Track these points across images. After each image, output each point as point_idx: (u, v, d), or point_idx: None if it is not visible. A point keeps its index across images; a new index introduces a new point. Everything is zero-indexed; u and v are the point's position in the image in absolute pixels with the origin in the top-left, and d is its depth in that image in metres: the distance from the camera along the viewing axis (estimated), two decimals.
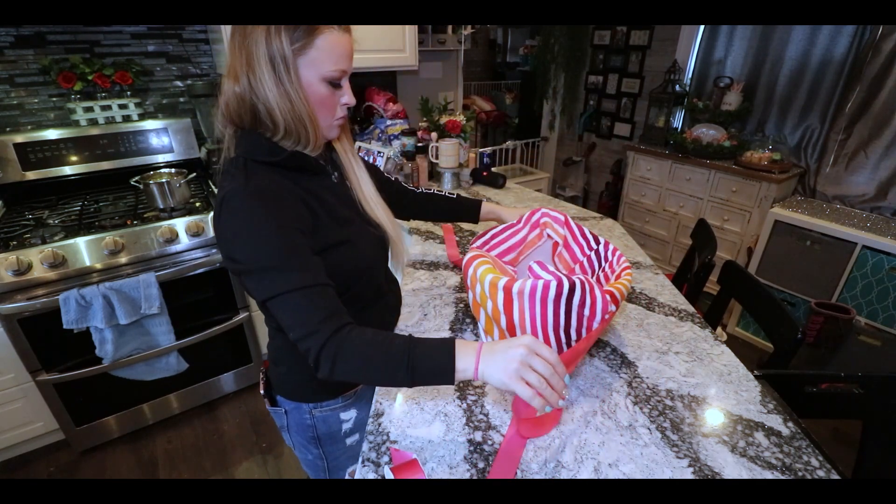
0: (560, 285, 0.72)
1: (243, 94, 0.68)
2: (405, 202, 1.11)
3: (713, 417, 0.76)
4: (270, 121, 0.69)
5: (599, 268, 0.95)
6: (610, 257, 0.93)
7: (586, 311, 0.75)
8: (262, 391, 0.92)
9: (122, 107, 1.91)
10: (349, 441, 0.93)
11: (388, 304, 0.95)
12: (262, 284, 0.64)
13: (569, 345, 0.83)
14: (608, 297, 0.75)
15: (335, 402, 0.88)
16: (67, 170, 1.84)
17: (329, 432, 0.89)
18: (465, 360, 0.62)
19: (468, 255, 0.87)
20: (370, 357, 0.64)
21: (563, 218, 1.01)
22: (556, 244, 1.01)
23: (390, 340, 0.65)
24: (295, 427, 0.90)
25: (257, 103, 0.68)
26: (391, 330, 0.96)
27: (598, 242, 0.97)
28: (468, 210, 1.16)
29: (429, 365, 0.63)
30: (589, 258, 0.98)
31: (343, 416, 0.89)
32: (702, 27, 2.85)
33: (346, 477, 0.95)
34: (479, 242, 0.99)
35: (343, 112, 0.76)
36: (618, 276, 0.83)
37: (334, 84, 0.71)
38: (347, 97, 0.74)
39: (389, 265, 0.94)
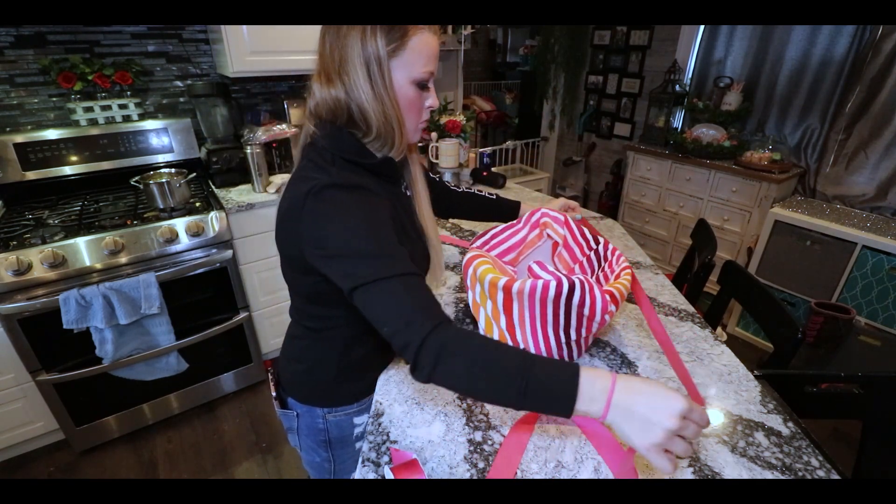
0: (560, 285, 0.72)
1: (338, 96, 0.67)
2: (448, 202, 1.11)
3: (713, 417, 0.76)
4: (364, 122, 0.69)
5: (599, 268, 0.95)
6: (609, 257, 0.92)
7: (586, 311, 0.75)
8: (273, 392, 0.91)
9: (122, 107, 1.91)
10: (359, 445, 0.91)
11: None
12: (357, 270, 0.61)
13: (568, 345, 0.83)
14: (608, 296, 0.75)
15: (350, 406, 0.86)
16: (67, 170, 1.84)
17: (341, 436, 0.88)
18: (595, 402, 0.52)
19: (468, 255, 0.87)
20: (478, 364, 0.56)
21: (562, 218, 1.01)
22: (555, 244, 1.01)
23: (503, 350, 0.57)
24: (306, 430, 0.88)
25: (352, 105, 0.67)
26: None
27: (597, 242, 0.97)
28: (508, 210, 1.16)
29: (548, 389, 0.53)
30: (588, 258, 0.98)
31: (356, 420, 0.88)
32: (702, 27, 2.85)
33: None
34: (478, 242, 0.99)
35: (427, 115, 0.75)
36: (617, 276, 0.83)
37: (422, 86, 0.70)
38: (433, 99, 0.73)
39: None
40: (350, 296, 0.62)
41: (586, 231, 1.00)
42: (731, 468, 0.67)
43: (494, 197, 1.17)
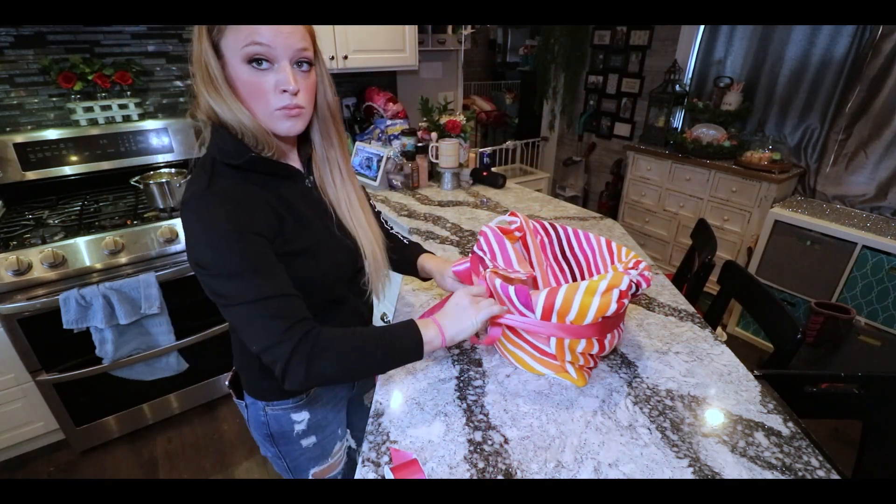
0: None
1: (197, 91, 0.65)
2: None
3: (713, 417, 0.76)
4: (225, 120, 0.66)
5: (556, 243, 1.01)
6: (573, 240, 1.00)
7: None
8: (227, 382, 0.90)
9: (122, 107, 1.91)
10: (305, 443, 0.89)
11: (353, 310, 0.86)
12: (220, 288, 0.62)
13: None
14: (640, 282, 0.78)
15: (285, 402, 0.84)
16: (67, 170, 1.84)
17: (281, 431, 0.87)
18: (435, 340, 0.70)
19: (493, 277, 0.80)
20: (345, 350, 0.65)
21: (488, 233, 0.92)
22: (524, 243, 0.99)
23: (359, 331, 0.68)
24: (253, 422, 0.88)
25: (211, 109, 0.65)
26: None
27: (559, 232, 1.02)
28: (409, 263, 0.99)
29: (404, 349, 0.68)
30: (553, 245, 1.03)
31: (294, 416, 0.86)
32: (702, 27, 2.85)
33: (311, 478, 0.92)
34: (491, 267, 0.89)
35: (285, 100, 0.65)
36: (627, 267, 0.85)
37: (256, 61, 0.63)
38: (277, 75, 0.64)
39: (366, 281, 0.85)
40: (221, 310, 0.65)
41: (541, 226, 1.03)
42: (731, 468, 0.67)
43: (408, 243, 1.01)
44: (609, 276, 0.73)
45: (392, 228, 1.03)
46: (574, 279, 1.01)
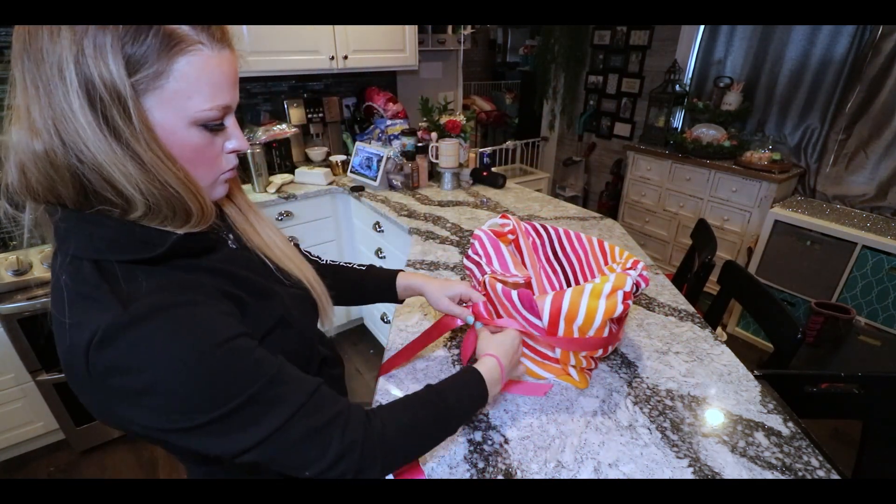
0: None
1: (51, 152, 0.41)
2: None
3: (713, 417, 0.76)
4: (115, 194, 0.43)
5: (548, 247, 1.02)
6: (564, 240, 1.00)
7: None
8: None
9: None
10: None
11: (332, 377, 0.72)
12: (241, 430, 0.44)
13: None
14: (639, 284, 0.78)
15: None
16: None
17: None
18: (497, 385, 0.67)
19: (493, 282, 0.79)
20: (410, 435, 0.55)
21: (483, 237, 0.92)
22: (517, 246, 1.00)
23: (418, 406, 0.58)
24: None
25: (81, 169, 0.41)
26: None
27: (549, 232, 1.02)
28: (380, 285, 0.86)
29: (467, 408, 0.62)
30: (544, 245, 1.03)
31: None
32: (702, 27, 2.85)
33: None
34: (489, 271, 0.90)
35: (233, 161, 0.53)
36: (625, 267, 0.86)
37: (213, 128, 0.48)
38: (237, 141, 0.51)
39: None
40: (239, 459, 0.46)
41: (533, 228, 1.03)
42: (731, 468, 0.67)
43: (364, 268, 0.87)
44: (612, 278, 0.73)
45: (320, 258, 0.86)
46: (567, 280, 1.01)
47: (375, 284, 0.86)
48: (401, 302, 0.88)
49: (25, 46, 0.40)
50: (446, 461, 0.68)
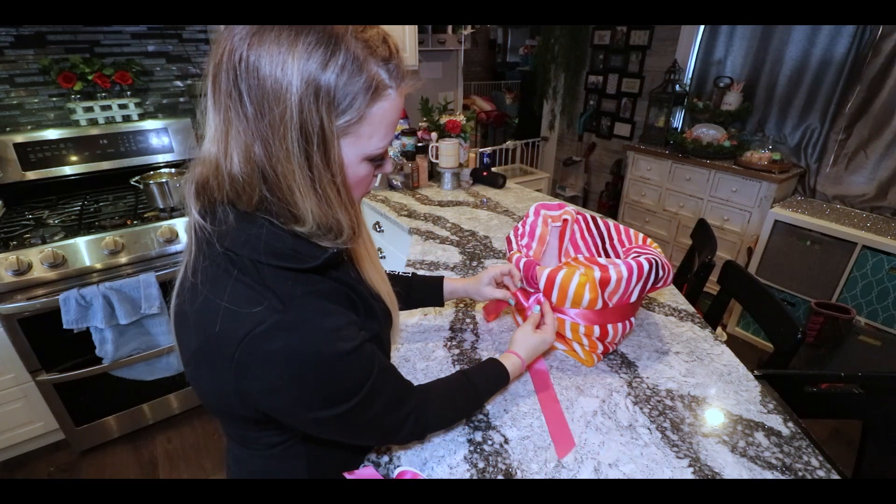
0: (651, 264, 0.81)
1: (252, 173, 0.46)
2: None
3: (713, 417, 0.76)
4: (289, 211, 0.48)
5: (608, 243, 1.05)
6: (613, 232, 1.04)
7: (659, 284, 0.87)
8: None
9: (122, 107, 1.91)
10: None
11: None
12: (363, 411, 0.53)
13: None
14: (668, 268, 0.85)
15: None
16: (67, 170, 1.84)
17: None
18: (518, 369, 0.77)
19: (524, 261, 0.88)
20: (450, 411, 0.69)
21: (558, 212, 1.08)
22: (562, 233, 1.07)
23: (459, 396, 0.70)
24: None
25: (268, 186, 0.46)
26: None
27: (599, 224, 1.07)
28: (426, 290, 0.93)
29: (492, 387, 0.74)
30: (593, 236, 1.07)
31: None
32: (702, 27, 2.85)
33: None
34: (515, 247, 1.01)
35: (377, 182, 0.60)
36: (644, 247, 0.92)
37: (376, 159, 0.53)
38: (388, 167, 0.56)
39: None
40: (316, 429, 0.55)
41: (587, 216, 1.08)
42: (731, 468, 0.67)
43: (410, 275, 0.94)
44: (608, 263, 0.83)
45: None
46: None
47: (423, 290, 0.92)
48: (442, 305, 0.95)
49: (245, 67, 0.43)
50: (446, 461, 0.68)
